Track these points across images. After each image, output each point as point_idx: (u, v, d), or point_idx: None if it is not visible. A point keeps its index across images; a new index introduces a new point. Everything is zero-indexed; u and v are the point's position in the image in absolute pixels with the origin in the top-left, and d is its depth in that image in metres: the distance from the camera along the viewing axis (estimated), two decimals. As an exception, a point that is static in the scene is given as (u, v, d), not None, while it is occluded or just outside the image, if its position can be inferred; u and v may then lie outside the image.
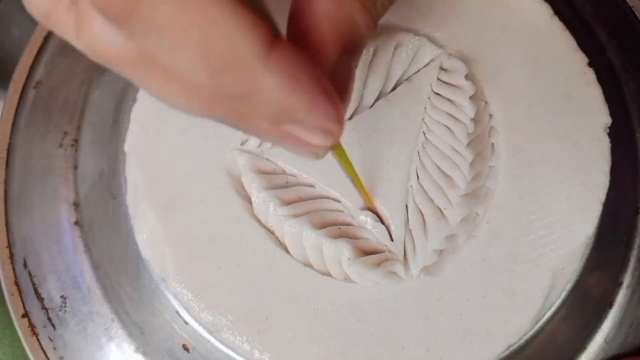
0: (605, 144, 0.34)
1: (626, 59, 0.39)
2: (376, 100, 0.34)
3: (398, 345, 0.31)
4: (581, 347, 0.34)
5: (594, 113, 0.34)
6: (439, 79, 0.34)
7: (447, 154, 0.33)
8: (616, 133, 0.34)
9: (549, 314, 0.33)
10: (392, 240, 0.32)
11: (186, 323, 0.33)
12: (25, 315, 0.36)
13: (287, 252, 0.32)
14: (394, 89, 0.34)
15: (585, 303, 0.34)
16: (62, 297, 0.36)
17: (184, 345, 0.33)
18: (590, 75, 0.34)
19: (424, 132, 0.33)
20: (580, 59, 0.35)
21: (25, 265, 0.37)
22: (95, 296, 0.35)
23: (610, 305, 0.35)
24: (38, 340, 0.35)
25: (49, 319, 0.36)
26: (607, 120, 0.34)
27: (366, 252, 0.32)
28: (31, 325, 0.36)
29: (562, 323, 0.34)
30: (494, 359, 0.31)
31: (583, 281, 0.34)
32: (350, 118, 0.34)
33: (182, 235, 0.32)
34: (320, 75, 0.20)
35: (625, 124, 0.37)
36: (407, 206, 0.32)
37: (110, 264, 0.35)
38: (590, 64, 0.35)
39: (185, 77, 0.18)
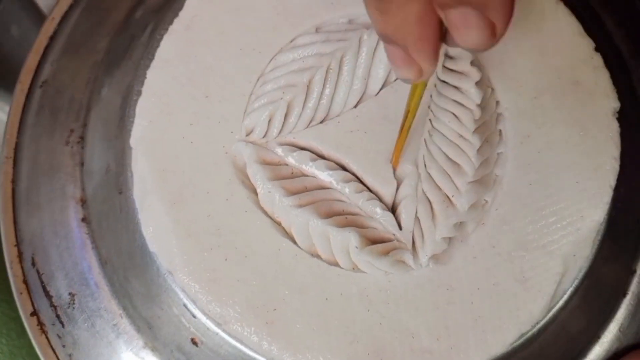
0: (614, 128, 0.33)
1: (635, 47, 0.38)
2: (381, 88, 0.34)
3: (408, 335, 0.30)
4: (595, 336, 0.34)
5: (602, 98, 0.33)
6: (444, 66, 0.34)
7: (454, 141, 0.32)
8: (625, 119, 0.34)
9: (561, 302, 0.32)
10: (400, 229, 0.32)
11: (194, 317, 0.33)
12: (34, 313, 0.36)
13: (295, 242, 0.32)
14: (399, 77, 0.34)
15: (598, 292, 0.34)
16: (70, 294, 0.36)
17: (192, 340, 0.33)
18: (597, 60, 0.34)
19: (430, 119, 0.33)
20: (587, 44, 0.34)
21: (33, 263, 0.37)
22: (103, 292, 0.35)
23: (624, 294, 0.34)
24: (47, 338, 0.35)
25: (58, 316, 0.35)
26: (615, 104, 0.34)
27: (374, 241, 0.31)
28: (40, 324, 0.36)
29: (575, 312, 0.33)
30: (506, 348, 0.31)
31: (595, 269, 0.33)
32: (355, 106, 0.33)
33: (189, 227, 0.32)
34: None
35: (634, 110, 0.36)
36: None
37: (117, 259, 0.35)
38: (597, 49, 0.34)
39: None
